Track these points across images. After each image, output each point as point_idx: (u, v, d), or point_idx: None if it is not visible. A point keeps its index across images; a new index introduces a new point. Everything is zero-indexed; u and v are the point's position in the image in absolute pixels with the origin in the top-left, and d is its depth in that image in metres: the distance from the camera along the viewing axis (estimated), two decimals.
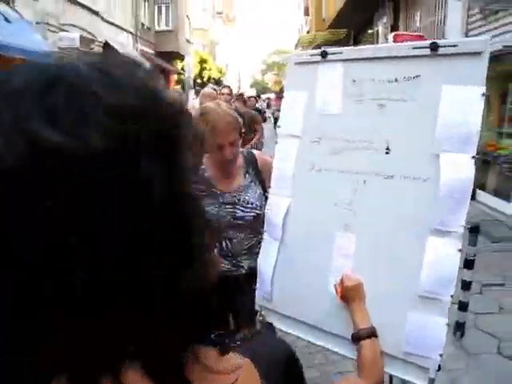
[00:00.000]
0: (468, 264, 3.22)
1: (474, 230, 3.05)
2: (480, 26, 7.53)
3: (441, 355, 1.45)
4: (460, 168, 1.39)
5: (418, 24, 11.21)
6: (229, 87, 6.21)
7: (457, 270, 1.42)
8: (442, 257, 1.42)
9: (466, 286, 3.30)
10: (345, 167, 1.63)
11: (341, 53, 1.72)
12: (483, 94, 1.40)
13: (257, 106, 10.99)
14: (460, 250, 1.41)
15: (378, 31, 14.38)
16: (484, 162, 7.95)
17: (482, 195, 7.76)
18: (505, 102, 7.82)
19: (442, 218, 1.41)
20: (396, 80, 1.55)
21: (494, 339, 3.60)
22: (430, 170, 1.45)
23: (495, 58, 7.37)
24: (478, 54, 1.42)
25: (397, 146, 1.53)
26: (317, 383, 3.16)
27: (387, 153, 1.54)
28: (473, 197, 7.81)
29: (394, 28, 12.41)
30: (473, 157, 1.39)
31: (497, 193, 7.31)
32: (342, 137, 1.65)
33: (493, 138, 8.06)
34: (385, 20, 13.49)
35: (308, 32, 26.92)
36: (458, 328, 3.47)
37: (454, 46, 1.46)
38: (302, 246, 1.72)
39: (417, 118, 1.50)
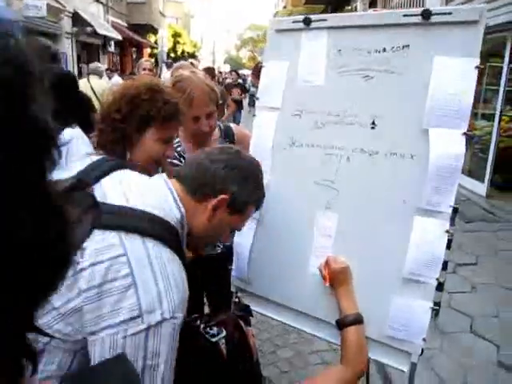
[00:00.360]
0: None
1: (453, 210, 3.00)
2: (460, 4, 7.47)
3: (424, 339, 1.40)
4: (450, 145, 1.31)
5: (396, 0, 11.11)
6: (191, 62, 5.91)
7: (443, 251, 1.36)
8: (429, 238, 1.36)
9: (443, 265, 3.28)
10: (327, 143, 1.53)
11: (325, 20, 1.61)
12: (477, 67, 1.31)
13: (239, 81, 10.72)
14: (447, 232, 1.35)
15: (356, 7, 14.21)
16: None
17: None
18: (481, 82, 7.86)
19: (430, 198, 1.34)
20: (384, 50, 1.45)
21: (467, 318, 3.63)
22: (418, 146, 1.36)
23: None
24: (473, 22, 1.33)
25: (383, 121, 1.43)
26: (291, 362, 3.14)
27: (373, 128, 1.45)
28: None
29: (372, 4, 12.28)
30: (464, 133, 1.32)
31: (470, 173, 7.39)
32: (324, 110, 1.54)
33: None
34: None
35: (285, 7, 26.49)
36: (434, 307, 3.47)
37: (449, 13, 1.36)
38: (281, 225, 1.63)
39: (405, 90, 1.40)
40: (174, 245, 1.08)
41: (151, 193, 1.13)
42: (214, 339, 1.34)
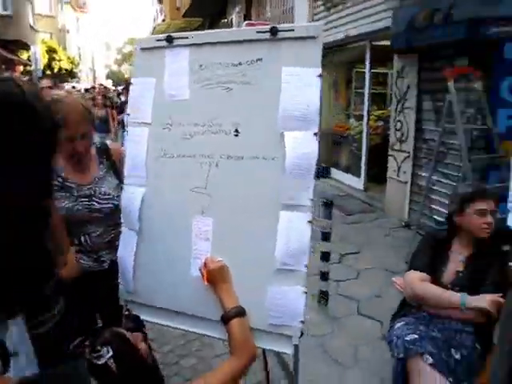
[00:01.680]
0: (325, 236, 3.48)
1: (327, 205, 3.29)
2: (324, 17, 8.08)
3: (302, 322, 1.54)
4: (303, 145, 1.48)
5: (268, 14, 11.67)
6: (51, 78, 4.97)
7: (309, 240, 1.51)
8: (294, 230, 1.50)
9: (325, 256, 3.56)
10: (197, 152, 1.64)
11: (187, 38, 1.72)
12: (320, 75, 1.50)
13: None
14: (310, 222, 1.51)
15: (232, 20, 14.66)
16: (335, 142, 8.66)
17: (335, 173, 8.44)
18: (350, 86, 8.57)
19: (291, 193, 1.49)
20: (240, 64, 1.59)
21: (354, 302, 3.97)
22: (276, 149, 1.51)
23: (339, 46, 8.02)
24: (313, 38, 1.52)
25: (245, 128, 1.57)
26: (196, 369, 3.17)
27: (236, 135, 1.58)
28: (328, 175, 8.46)
29: (247, 17, 12.77)
30: (315, 133, 1.49)
31: (348, 170, 8.01)
32: (192, 122, 1.65)
33: (342, 119, 8.79)
34: (238, 9, 13.81)
35: (163, 20, 26.42)
36: (322, 296, 3.75)
37: (292, 30, 1.54)
38: (161, 234, 1.70)
39: (262, 99, 1.55)
40: None
41: None
42: (101, 361, 1.35)
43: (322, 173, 8.36)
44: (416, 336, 2.07)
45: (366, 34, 6.77)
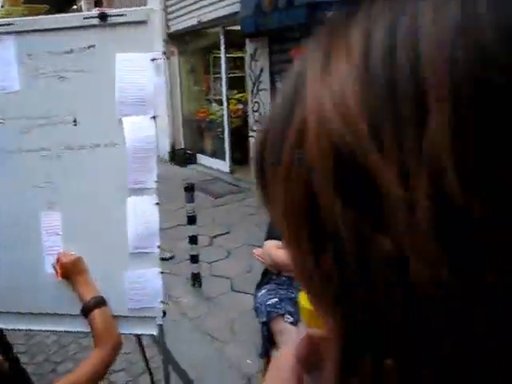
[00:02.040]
0: (190, 220, 3.55)
1: (189, 189, 3.36)
2: (178, 3, 8.03)
3: (162, 302, 1.59)
4: (142, 129, 1.50)
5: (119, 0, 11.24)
6: None
7: (158, 222, 1.55)
8: (143, 213, 1.54)
9: (193, 240, 3.63)
10: (36, 145, 1.57)
11: (12, 24, 1.61)
12: (153, 59, 1.53)
13: None
14: (157, 204, 1.55)
15: (81, 6, 13.83)
16: (199, 128, 8.75)
17: (202, 158, 8.54)
18: (209, 72, 8.68)
19: (136, 178, 1.52)
20: (72, 51, 1.55)
21: (227, 280, 4.11)
22: (117, 135, 1.52)
23: (194, 32, 8.05)
24: (143, 22, 1.54)
25: (84, 117, 1.55)
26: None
27: (75, 125, 1.55)
28: (195, 161, 8.54)
29: (98, 3, 12.16)
30: (153, 117, 1.52)
31: (214, 154, 8.16)
32: (27, 115, 1.57)
33: (204, 105, 8.89)
34: None
35: (2, 7, 23.99)
36: (195, 279, 3.82)
37: (122, 15, 1.54)
38: (8, 235, 1.61)
39: (98, 87, 1.54)
40: None
41: None
42: None
43: (188, 160, 8.41)
44: (276, 299, 2.24)
45: (218, 19, 6.89)
